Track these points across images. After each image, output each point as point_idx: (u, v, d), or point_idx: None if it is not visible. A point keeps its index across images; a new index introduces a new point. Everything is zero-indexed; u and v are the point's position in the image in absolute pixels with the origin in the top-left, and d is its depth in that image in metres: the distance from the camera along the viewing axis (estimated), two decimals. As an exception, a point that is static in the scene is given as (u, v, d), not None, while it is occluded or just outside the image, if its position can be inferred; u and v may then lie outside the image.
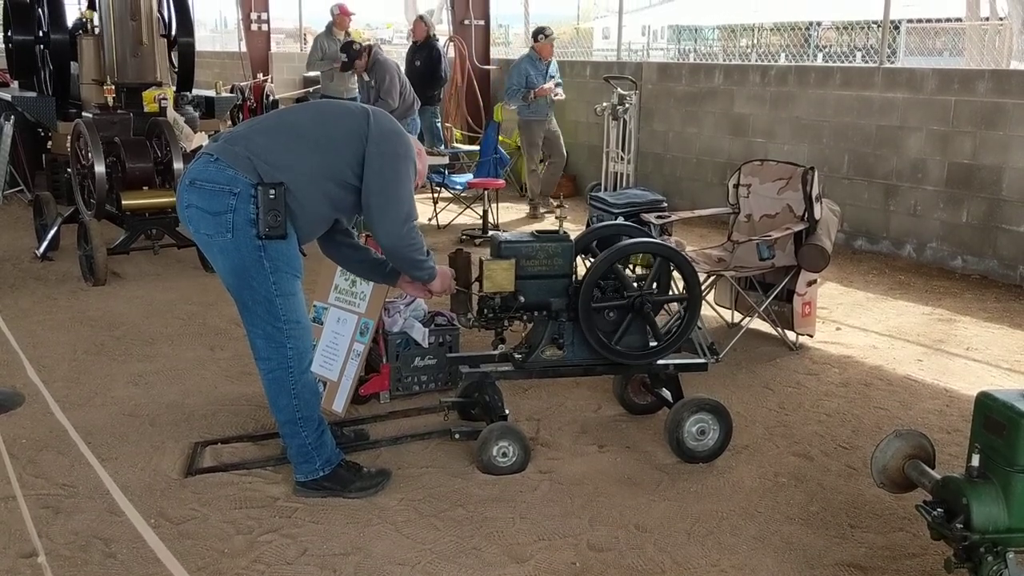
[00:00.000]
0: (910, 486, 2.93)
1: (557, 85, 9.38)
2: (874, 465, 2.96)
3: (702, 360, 4.24)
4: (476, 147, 9.81)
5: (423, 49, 10.42)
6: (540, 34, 9.32)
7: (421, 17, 10.89)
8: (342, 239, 3.68)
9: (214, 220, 3.18)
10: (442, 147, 9.63)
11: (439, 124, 10.62)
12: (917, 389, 4.74)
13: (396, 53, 14.71)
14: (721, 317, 5.71)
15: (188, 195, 3.23)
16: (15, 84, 10.67)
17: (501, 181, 8.80)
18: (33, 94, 9.41)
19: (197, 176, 3.22)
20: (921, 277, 7.06)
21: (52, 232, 7.07)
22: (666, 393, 4.03)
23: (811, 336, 5.40)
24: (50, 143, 9.03)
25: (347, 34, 11.01)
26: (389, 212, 3.31)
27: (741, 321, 5.53)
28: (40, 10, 8.89)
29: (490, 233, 7.81)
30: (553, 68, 9.43)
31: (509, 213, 9.44)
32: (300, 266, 3.36)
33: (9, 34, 9.61)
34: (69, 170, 7.06)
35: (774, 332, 5.39)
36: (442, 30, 12.56)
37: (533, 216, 9.41)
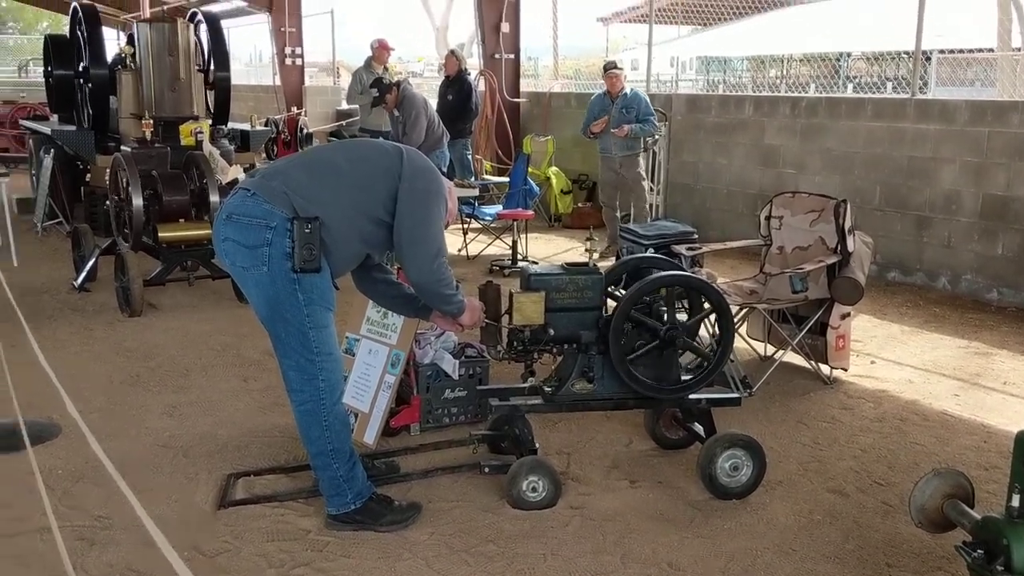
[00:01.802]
0: (949, 526, 2.89)
1: (640, 123, 8.63)
2: (912, 504, 2.92)
3: (735, 394, 4.21)
4: (505, 179, 9.87)
5: (455, 83, 10.50)
6: (603, 69, 9.09)
7: (452, 52, 10.99)
8: (377, 275, 3.73)
9: (250, 253, 3.23)
10: (472, 179, 9.66)
11: (470, 156, 10.69)
12: (954, 424, 4.67)
13: (428, 86, 14.89)
14: (754, 350, 5.67)
15: (225, 229, 3.29)
16: (55, 118, 10.90)
17: (530, 212, 8.84)
18: (72, 128, 9.59)
19: (234, 210, 3.28)
20: (956, 310, 6.98)
21: (90, 264, 7.17)
22: (698, 428, 4.00)
23: (845, 370, 5.34)
24: (89, 176, 9.18)
25: (385, 68, 11.15)
26: (419, 249, 3.35)
27: (774, 354, 5.49)
28: (80, 46, 9.08)
29: (520, 265, 7.84)
30: (631, 103, 8.69)
31: (538, 244, 9.46)
32: (333, 299, 3.39)
33: (50, 69, 9.84)
34: (107, 202, 7.17)
35: (808, 365, 5.34)
36: (473, 63, 12.67)
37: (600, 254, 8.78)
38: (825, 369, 5.28)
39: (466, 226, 9.04)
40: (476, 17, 12.62)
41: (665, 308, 3.80)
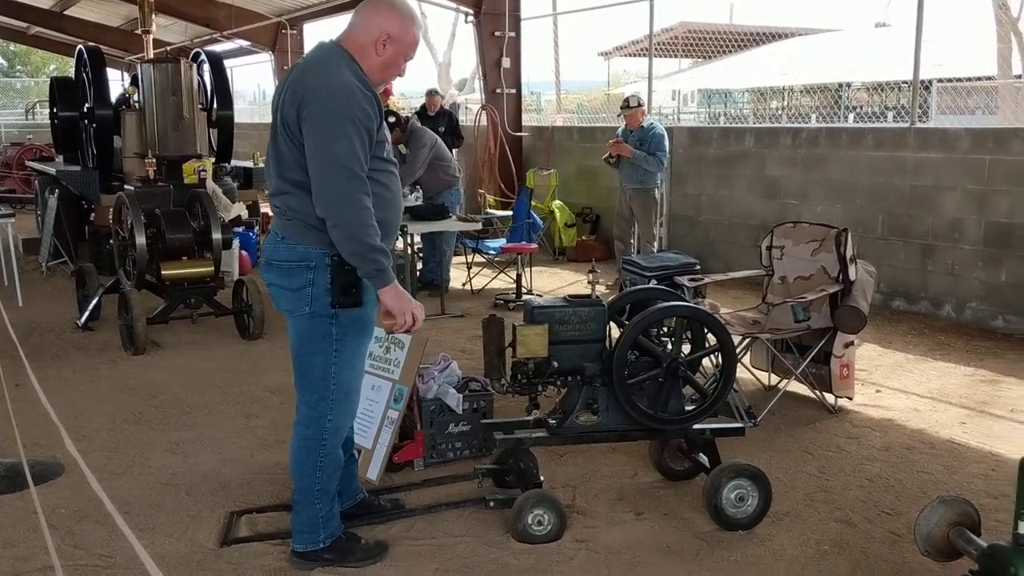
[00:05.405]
0: (956, 554, 2.86)
1: (649, 154, 8.48)
2: (918, 533, 2.90)
3: (739, 424, 4.19)
4: (509, 212, 9.91)
5: (442, 116, 11.09)
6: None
7: (436, 91, 11.37)
8: None
9: (294, 295, 3.19)
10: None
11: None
12: (961, 453, 4.64)
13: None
14: (758, 380, 5.65)
15: (267, 274, 3.26)
16: (60, 159, 11.00)
17: (534, 246, 8.86)
18: (77, 168, 9.67)
19: (271, 257, 3.23)
20: (962, 337, 6.95)
21: (93, 302, 7.19)
22: (703, 458, 3.98)
23: (850, 399, 5.32)
24: (93, 215, 9.24)
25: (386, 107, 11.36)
26: (323, 169, 3.00)
27: (778, 384, 5.46)
28: (85, 87, 9.18)
29: (524, 298, 7.84)
30: (646, 135, 8.55)
31: (543, 277, 9.47)
32: (371, 326, 3.33)
33: (55, 110, 9.94)
34: (111, 241, 7.20)
35: (812, 395, 5.32)
36: (475, 98, 12.88)
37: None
38: (830, 398, 5.25)
39: (470, 260, 9.07)
40: (477, 53, 12.75)
41: (668, 339, 3.80)
